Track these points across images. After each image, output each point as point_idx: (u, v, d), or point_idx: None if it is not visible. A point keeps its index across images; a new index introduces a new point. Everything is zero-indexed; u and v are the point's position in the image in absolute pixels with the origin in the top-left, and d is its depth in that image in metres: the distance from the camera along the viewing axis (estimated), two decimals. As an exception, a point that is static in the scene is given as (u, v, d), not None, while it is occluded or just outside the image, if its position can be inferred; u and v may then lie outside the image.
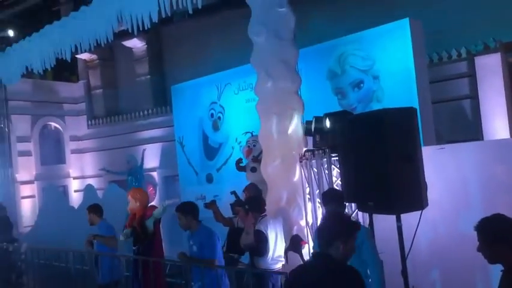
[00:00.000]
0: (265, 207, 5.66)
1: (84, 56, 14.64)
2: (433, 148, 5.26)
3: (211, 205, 6.24)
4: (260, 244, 5.32)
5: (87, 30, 8.42)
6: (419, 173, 3.35)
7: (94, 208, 6.20)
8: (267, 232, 5.36)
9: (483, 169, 4.83)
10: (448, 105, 8.42)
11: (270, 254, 5.39)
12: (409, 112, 3.48)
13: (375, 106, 7.85)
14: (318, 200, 5.62)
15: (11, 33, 12.62)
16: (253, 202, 5.69)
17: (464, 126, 8.36)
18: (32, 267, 7.34)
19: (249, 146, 7.74)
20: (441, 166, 4.84)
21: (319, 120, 5.58)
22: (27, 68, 10.16)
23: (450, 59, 8.56)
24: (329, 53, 8.55)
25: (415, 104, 6.58)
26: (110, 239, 5.93)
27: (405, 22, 7.48)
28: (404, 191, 3.23)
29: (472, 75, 8.31)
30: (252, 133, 8.79)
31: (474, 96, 8.28)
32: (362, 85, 8.22)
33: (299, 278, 2.81)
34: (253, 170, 7.47)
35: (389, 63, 7.77)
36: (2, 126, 12.27)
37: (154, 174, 13.29)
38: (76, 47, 8.86)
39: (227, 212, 6.82)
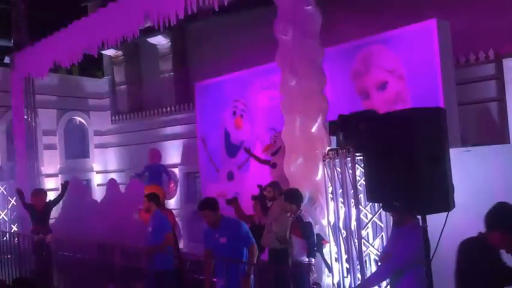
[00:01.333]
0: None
1: (109, 52, 14.83)
2: (459, 150, 5.19)
3: (233, 202, 6.29)
4: (313, 236, 5.37)
5: (114, 27, 8.54)
6: (446, 174, 3.31)
7: (155, 197, 6.26)
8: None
9: (509, 173, 4.74)
10: (474, 108, 8.29)
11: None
12: (438, 112, 3.45)
13: (400, 107, 7.77)
14: (340, 199, 5.59)
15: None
16: (295, 195, 5.66)
17: (491, 129, 8.23)
18: (56, 258, 7.50)
19: (271, 142, 7.79)
20: (466, 169, 4.76)
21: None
22: (54, 62, 10.35)
23: (477, 60, 8.42)
24: (353, 53, 8.50)
25: (441, 106, 6.50)
26: (163, 244, 5.96)
27: (432, 23, 7.40)
28: (431, 192, 3.19)
29: (499, 78, 8.17)
30: (275, 129, 8.79)
31: (501, 99, 8.14)
32: (386, 85, 8.15)
33: (463, 248, 3.07)
34: (274, 166, 7.52)
35: (414, 64, 7.68)
36: (29, 120, 12.49)
37: (176, 170, 13.40)
38: (103, 43, 9.00)
39: (248, 209, 6.87)
